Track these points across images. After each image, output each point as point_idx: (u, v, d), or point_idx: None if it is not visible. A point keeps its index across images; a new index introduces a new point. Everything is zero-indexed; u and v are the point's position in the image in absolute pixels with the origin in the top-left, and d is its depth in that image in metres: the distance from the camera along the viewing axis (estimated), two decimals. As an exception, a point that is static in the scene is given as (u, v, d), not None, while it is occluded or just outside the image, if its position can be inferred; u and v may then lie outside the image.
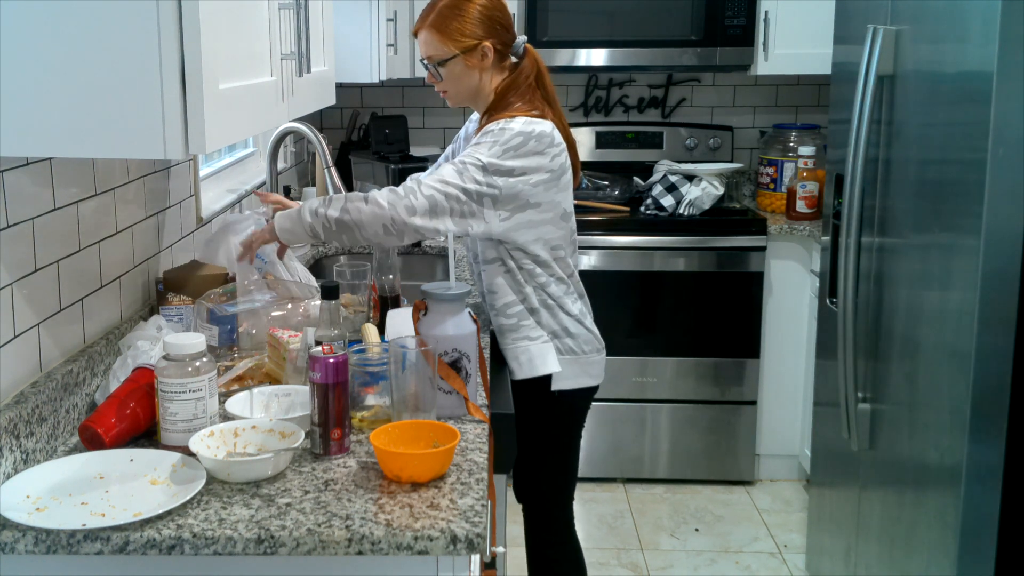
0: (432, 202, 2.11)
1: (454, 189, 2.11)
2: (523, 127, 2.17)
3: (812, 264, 3.72)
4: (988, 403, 2.14)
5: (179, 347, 1.65)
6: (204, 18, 1.39)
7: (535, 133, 2.17)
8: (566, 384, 2.34)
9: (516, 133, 2.15)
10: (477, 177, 2.12)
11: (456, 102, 2.33)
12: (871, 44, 2.54)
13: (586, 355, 2.35)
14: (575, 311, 2.33)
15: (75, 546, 1.41)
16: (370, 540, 1.42)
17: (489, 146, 2.15)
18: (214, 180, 3.03)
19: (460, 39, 2.23)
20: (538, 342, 2.30)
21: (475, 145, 2.17)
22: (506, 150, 2.14)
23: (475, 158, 2.13)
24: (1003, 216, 2.07)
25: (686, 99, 4.36)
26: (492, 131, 2.17)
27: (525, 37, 2.33)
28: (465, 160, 2.14)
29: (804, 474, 3.92)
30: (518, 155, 2.15)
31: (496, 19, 2.25)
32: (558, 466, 2.47)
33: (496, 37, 2.25)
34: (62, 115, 1.40)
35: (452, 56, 2.24)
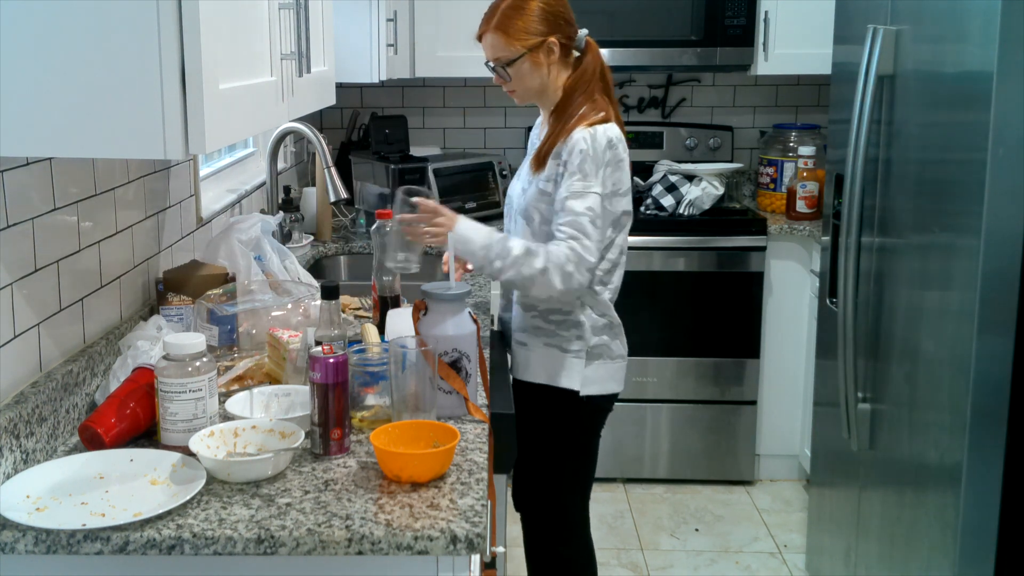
0: (592, 271, 2.19)
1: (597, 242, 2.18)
2: (605, 137, 2.20)
3: (812, 264, 3.72)
4: (988, 403, 2.14)
5: (179, 347, 1.65)
6: (204, 18, 1.39)
7: (615, 139, 2.22)
8: (594, 389, 2.36)
9: (605, 147, 2.20)
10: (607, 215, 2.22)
11: (524, 100, 2.36)
12: (871, 44, 2.54)
13: (614, 361, 2.38)
14: (618, 321, 2.38)
15: (75, 546, 1.41)
16: (370, 540, 1.42)
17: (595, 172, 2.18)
18: (214, 180, 3.03)
19: (525, 37, 2.24)
20: (570, 356, 2.32)
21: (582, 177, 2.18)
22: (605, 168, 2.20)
23: (594, 194, 2.18)
24: (1003, 216, 2.07)
25: (686, 99, 4.36)
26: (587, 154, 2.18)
27: (586, 31, 2.35)
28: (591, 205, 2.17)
29: (804, 474, 3.92)
30: (615, 168, 2.23)
31: (559, 14, 2.28)
32: (579, 468, 2.48)
33: (560, 32, 2.27)
34: (62, 115, 1.40)
35: (519, 55, 2.26)
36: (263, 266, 2.47)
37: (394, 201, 2.26)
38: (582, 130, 2.20)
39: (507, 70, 2.28)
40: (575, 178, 2.18)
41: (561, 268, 2.15)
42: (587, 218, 2.17)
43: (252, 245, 2.48)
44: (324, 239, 3.51)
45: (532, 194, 2.29)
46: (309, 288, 2.34)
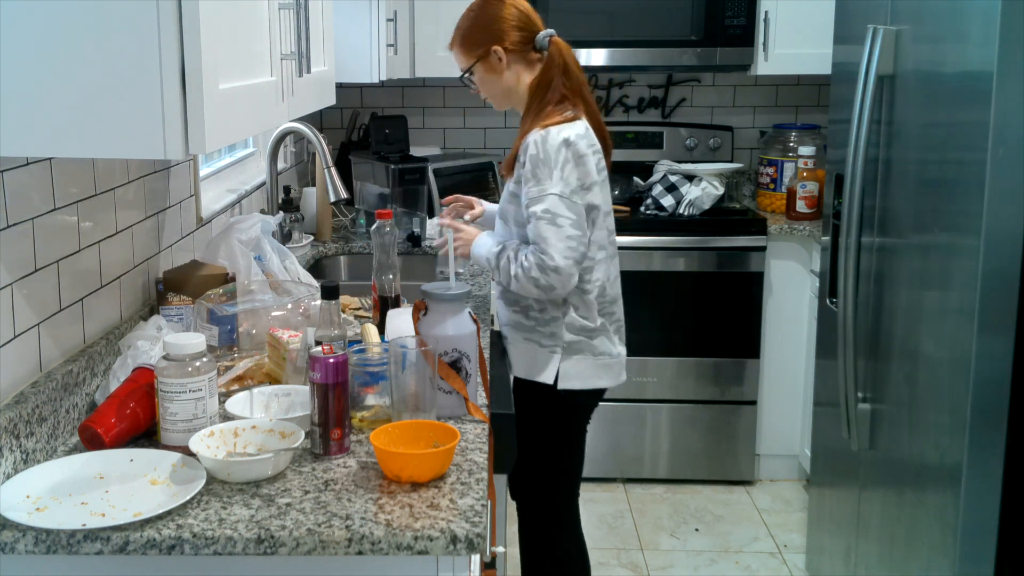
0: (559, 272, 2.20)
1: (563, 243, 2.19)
2: (558, 138, 2.23)
3: (812, 264, 3.72)
4: (988, 403, 2.14)
5: (179, 347, 1.65)
6: (204, 18, 1.39)
7: (571, 138, 2.24)
8: (574, 384, 2.37)
9: (557, 148, 2.22)
10: (567, 214, 2.21)
11: (499, 105, 2.44)
12: (871, 44, 2.54)
13: (597, 357, 2.38)
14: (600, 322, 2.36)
15: (75, 546, 1.41)
16: (370, 540, 1.42)
17: (548, 174, 2.21)
18: (214, 180, 3.03)
19: (474, 48, 2.36)
20: (546, 350, 2.35)
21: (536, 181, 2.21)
22: (561, 167, 2.21)
23: (551, 194, 2.20)
24: (1003, 216, 2.07)
25: (686, 99, 4.36)
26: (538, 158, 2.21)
27: (552, 31, 2.38)
28: (547, 207, 2.20)
29: (804, 474, 3.92)
30: (573, 167, 2.23)
31: (508, 22, 2.34)
32: (564, 462, 2.50)
33: (506, 39, 2.33)
34: (62, 115, 1.40)
35: (471, 64, 2.37)
36: (263, 266, 2.47)
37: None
38: (534, 133, 2.25)
39: (471, 79, 2.41)
40: (530, 184, 2.24)
41: (527, 276, 2.23)
42: (544, 221, 2.20)
43: (252, 245, 2.48)
44: (324, 239, 3.51)
45: (504, 196, 2.38)
46: (309, 288, 2.34)
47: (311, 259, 3.29)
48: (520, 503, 2.55)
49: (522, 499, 2.54)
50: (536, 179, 2.22)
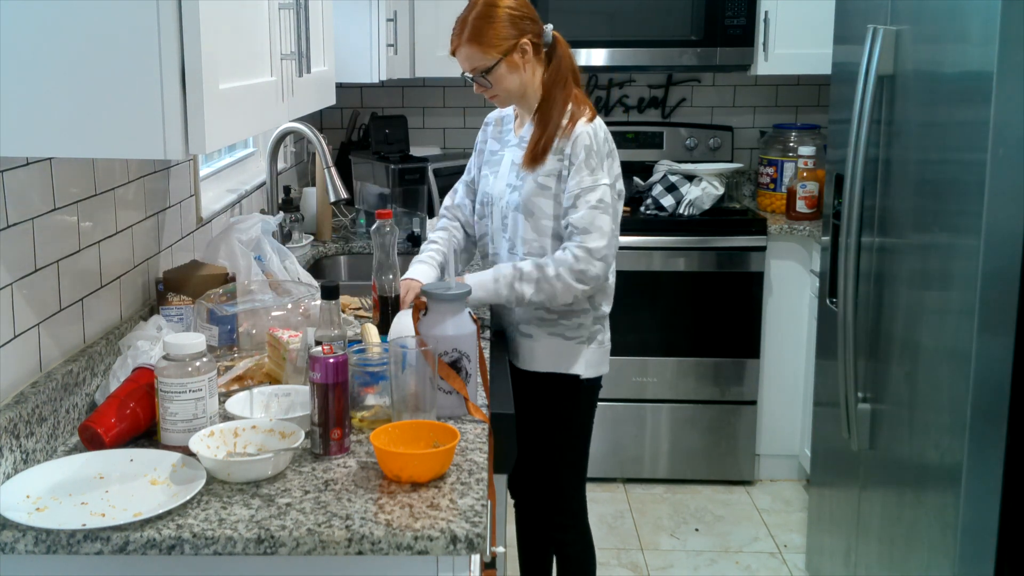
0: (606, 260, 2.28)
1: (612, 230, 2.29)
2: (602, 130, 2.33)
3: (812, 264, 3.72)
4: (988, 403, 2.14)
5: (179, 347, 1.65)
6: (204, 18, 1.39)
7: (606, 132, 2.35)
8: (592, 372, 2.45)
9: (603, 139, 2.32)
10: (615, 204, 2.31)
11: (506, 103, 2.42)
12: (871, 44, 2.54)
13: (602, 346, 2.46)
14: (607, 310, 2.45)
15: (75, 546, 1.41)
16: (370, 540, 1.42)
17: (600, 164, 2.29)
18: (214, 180, 3.03)
19: (499, 43, 2.31)
20: (573, 342, 2.40)
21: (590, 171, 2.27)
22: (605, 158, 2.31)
23: (603, 185, 2.28)
24: (1003, 216, 2.07)
25: (686, 99, 4.36)
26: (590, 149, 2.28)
27: (551, 25, 2.42)
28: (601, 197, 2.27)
29: (804, 474, 3.92)
30: (614, 159, 2.34)
31: (525, 15, 2.35)
32: (578, 452, 2.54)
33: (529, 32, 2.34)
34: (62, 115, 1.40)
35: (496, 61, 2.32)
36: (263, 266, 2.47)
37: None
38: (584, 125, 2.30)
39: (486, 77, 2.34)
40: (583, 174, 2.28)
41: (571, 268, 2.25)
42: (599, 211, 2.26)
43: (252, 245, 2.48)
44: (324, 239, 3.51)
45: (529, 189, 2.34)
46: (309, 288, 2.33)
47: (311, 259, 3.29)
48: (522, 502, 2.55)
49: (524, 498, 2.54)
50: (590, 169, 2.28)
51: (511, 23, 2.31)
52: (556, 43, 2.40)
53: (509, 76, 2.34)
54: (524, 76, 2.35)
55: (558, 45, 2.40)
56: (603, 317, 2.45)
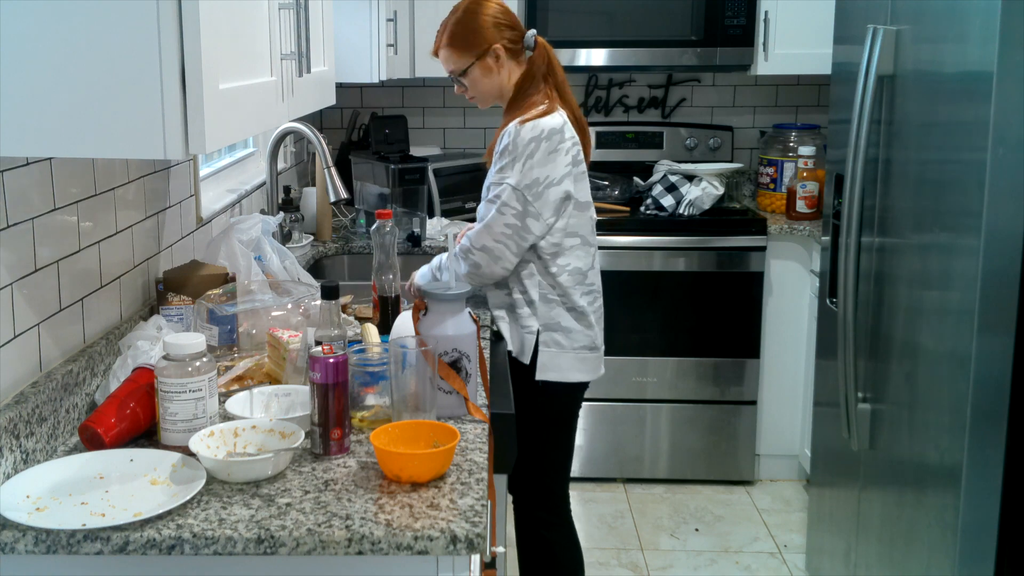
0: (487, 251, 2.34)
1: (500, 228, 2.33)
2: (531, 132, 2.33)
3: (812, 264, 3.72)
4: (988, 403, 2.14)
5: (179, 347, 1.65)
6: (204, 18, 1.39)
7: (545, 132, 2.34)
8: (552, 376, 2.44)
9: (527, 141, 2.32)
10: (513, 203, 2.33)
11: (485, 104, 2.52)
12: (871, 44, 2.54)
13: (575, 351, 2.44)
14: (583, 305, 2.43)
15: (75, 546, 1.41)
16: (370, 540, 1.42)
17: (511, 166, 2.33)
18: (214, 180, 3.03)
19: (472, 47, 2.43)
20: (524, 331, 2.42)
21: (499, 170, 2.35)
22: (525, 162, 2.32)
23: (505, 184, 2.33)
24: (1003, 216, 2.07)
25: (686, 99, 4.36)
26: (507, 148, 2.34)
27: (535, 31, 2.48)
28: (499, 193, 2.34)
29: (804, 474, 3.92)
30: (538, 163, 2.33)
31: (499, 21, 2.44)
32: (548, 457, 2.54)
33: (504, 38, 2.43)
34: (62, 115, 1.40)
35: (469, 64, 2.44)
36: (263, 266, 2.47)
37: None
38: (511, 125, 2.36)
39: (463, 79, 2.47)
40: (494, 169, 2.37)
41: (461, 251, 2.37)
42: (492, 205, 2.34)
43: (252, 245, 2.48)
44: (324, 239, 3.51)
45: (485, 185, 2.45)
46: (309, 288, 2.33)
47: (311, 259, 3.29)
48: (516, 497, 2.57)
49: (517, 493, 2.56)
50: (499, 166, 2.35)
51: (486, 29, 2.42)
52: (537, 47, 2.47)
53: (483, 79, 2.45)
54: (498, 79, 2.45)
55: (538, 49, 2.47)
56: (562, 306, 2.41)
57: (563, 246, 2.40)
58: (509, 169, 2.33)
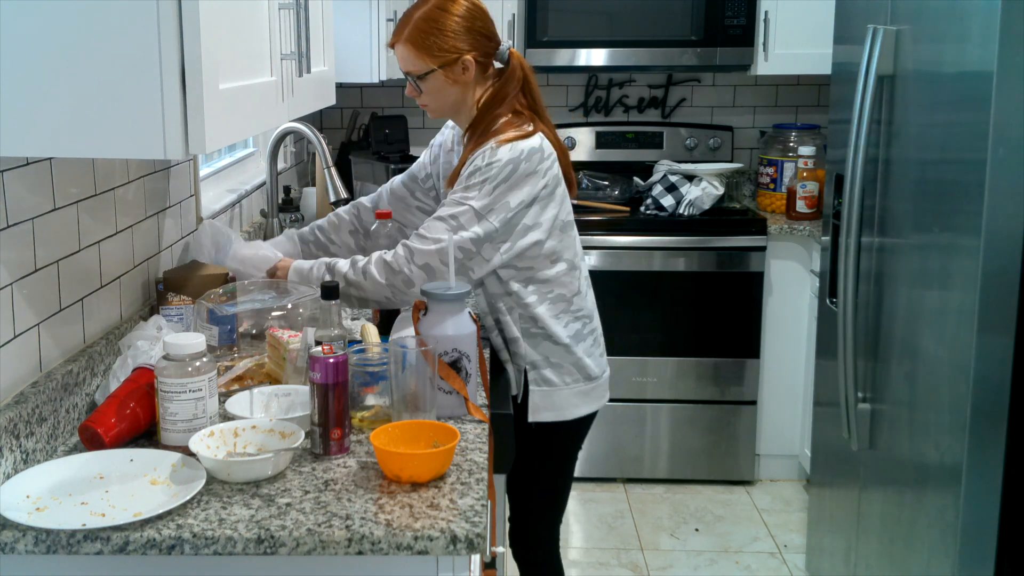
0: (427, 269, 2.07)
1: (447, 248, 1.99)
2: (510, 154, 2.08)
3: (812, 264, 3.72)
4: (988, 403, 2.14)
5: (179, 347, 1.65)
6: (204, 18, 1.39)
7: (524, 154, 2.09)
8: (547, 416, 2.26)
9: (504, 164, 2.07)
10: (472, 227, 2.06)
11: (438, 115, 2.25)
12: (871, 44, 2.54)
13: (568, 386, 2.25)
14: (564, 337, 2.22)
15: (75, 546, 1.41)
16: (370, 540, 1.42)
17: (479, 186, 2.07)
18: (214, 180, 3.03)
19: (439, 53, 2.13)
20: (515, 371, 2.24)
21: (464, 189, 2.09)
22: (497, 186, 2.07)
23: (468, 206, 2.06)
24: (1003, 216, 2.07)
25: (686, 99, 4.36)
26: (480, 168, 2.08)
27: (510, 43, 2.24)
28: (456, 213, 2.07)
29: (804, 474, 3.92)
30: (511, 187, 2.08)
31: (477, 29, 2.16)
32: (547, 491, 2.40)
33: (477, 49, 2.16)
34: (62, 115, 1.40)
35: (431, 71, 2.15)
36: None
37: None
38: (488, 143, 2.10)
39: (420, 83, 2.17)
40: (459, 187, 2.10)
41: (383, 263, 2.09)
42: (445, 226, 2.06)
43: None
44: (324, 239, 3.50)
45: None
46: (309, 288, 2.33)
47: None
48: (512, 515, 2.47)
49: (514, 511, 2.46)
50: (465, 187, 2.08)
51: (458, 34, 2.12)
52: (510, 61, 2.20)
53: (444, 89, 2.16)
54: (460, 93, 2.17)
55: (512, 65, 2.19)
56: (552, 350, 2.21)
57: (536, 277, 2.18)
58: (476, 190, 2.06)
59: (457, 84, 2.17)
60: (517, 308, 2.21)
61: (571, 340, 2.24)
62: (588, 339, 2.29)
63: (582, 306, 2.27)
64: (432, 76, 2.16)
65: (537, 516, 2.44)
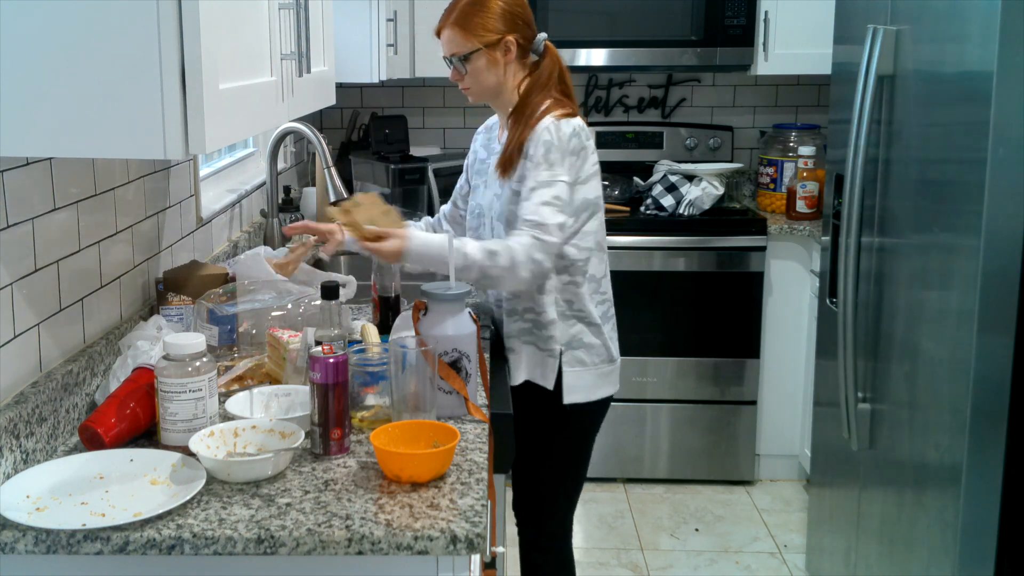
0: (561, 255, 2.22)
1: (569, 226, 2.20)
2: (571, 127, 2.21)
3: (812, 264, 3.72)
4: (988, 403, 2.14)
5: (179, 347, 1.65)
6: (204, 18, 1.39)
7: (581, 129, 2.23)
8: (578, 397, 2.33)
9: (570, 136, 2.20)
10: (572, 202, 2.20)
11: (478, 98, 2.35)
12: (871, 44, 2.54)
13: (596, 367, 2.34)
14: (596, 317, 2.32)
15: (75, 546, 1.41)
16: (370, 540, 1.42)
17: (561, 160, 2.18)
18: (214, 180, 3.03)
19: (483, 33, 2.26)
20: (545, 354, 2.29)
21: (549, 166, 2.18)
22: (571, 155, 2.20)
23: (561, 182, 2.18)
24: (1003, 216, 2.07)
25: (686, 99, 4.36)
26: (553, 144, 2.18)
27: (545, 34, 2.35)
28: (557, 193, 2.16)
29: (804, 474, 3.92)
30: (581, 158, 2.22)
31: (518, 15, 2.29)
32: (566, 477, 2.45)
33: (518, 32, 2.29)
34: (62, 115, 1.40)
35: (475, 50, 2.27)
36: None
37: None
38: (546, 120, 2.21)
39: (464, 65, 2.29)
40: (541, 168, 2.18)
41: (528, 257, 2.12)
42: (554, 208, 2.16)
43: None
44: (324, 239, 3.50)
45: (507, 197, 2.26)
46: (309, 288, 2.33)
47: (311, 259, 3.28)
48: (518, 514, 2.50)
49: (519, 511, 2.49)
50: (548, 163, 2.18)
51: (500, 17, 2.26)
52: (546, 53, 2.33)
53: (486, 70, 2.28)
54: (501, 75, 2.29)
55: (548, 55, 2.33)
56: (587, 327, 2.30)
57: (579, 255, 2.28)
58: (559, 165, 2.18)
59: (498, 66, 2.29)
60: (555, 291, 2.28)
61: (602, 321, 2.34)
62: (611, 321, 2.40)
63: (607, 289, 2.38)
64: (476, 56, 2.27)
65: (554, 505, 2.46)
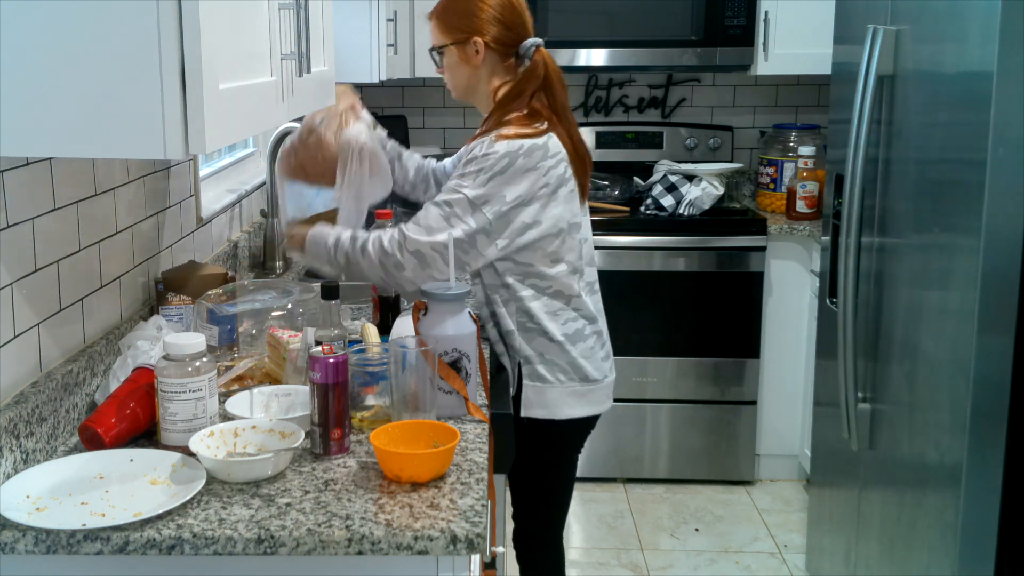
0: (419, 256, 2.08)
1: (441, 237, 2.05)
2: (507, 148, 2.09)
3: (812, 264, 3.72)
4: (988, 403, 2.14)
5: (179, 347, 1.65)
6: (204, 18, 1.38)
7: (523, 149, 2.09)
8: (539, 413, 2.24)
9: (500, 156, 2.08)
10: (467, 218, 2.08)
11: (456, 94, 2.32)
12: (871, 44, 2.54)
13: (563, 385, 2.23)
14: (557, 335, 2.21)
15: (75, 546, 1.41)
16: (370, 540, 1.42)
17: (474, 176, 2.09)
18: (214, 180, 3.03)
19: (453, 29, 2.23)
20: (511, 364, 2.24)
21: (460, 176, 2.11)
22: (492, 177, 2.08)
23: (462, 194, 2.08)
24: (1003, 216, 2.07)
25: (686, 99, 4.36)
26: (476, 157, 2.10)
27: (540, 41, 2.25)
28: (450, 199, 2.09)
29: (804, 474, 3.92)
30: (507, 180, 2.08)
31: (498, 18, 2.21)
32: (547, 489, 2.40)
33: (491, 35, 2.21)
34: (62, 115, 1.40)
35: (444, 45, 2.25)
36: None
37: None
38: (486, 137, 2.12)
39: (440, 58, 2.28)
40: (455, 178, 2.12)
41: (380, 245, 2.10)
42: (439, 211, 2.08)
43: None
44: (324, 239, 3.50)
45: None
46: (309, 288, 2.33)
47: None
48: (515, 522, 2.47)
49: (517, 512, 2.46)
50: (461, 175, 2.10)
51: (477, 16, 2.19)
52: (534, 60, 2.21)
53: (457, 67, 2.24)
54: (473, 75, 2.23)
55: (534, 62, 2.21)
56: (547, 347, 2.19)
57: (533, 273, 2.17)
58: (471, 178, 2.08)
59: (468, 65, 2.24)
60: (512, 301, 2.20)
61: (566, 339, 2.22)
62: (589, 340, 2.27)
63: (582, 307, 2.25)
64: (447, 51, 2.26)
65: (533, 514, 2.43)
